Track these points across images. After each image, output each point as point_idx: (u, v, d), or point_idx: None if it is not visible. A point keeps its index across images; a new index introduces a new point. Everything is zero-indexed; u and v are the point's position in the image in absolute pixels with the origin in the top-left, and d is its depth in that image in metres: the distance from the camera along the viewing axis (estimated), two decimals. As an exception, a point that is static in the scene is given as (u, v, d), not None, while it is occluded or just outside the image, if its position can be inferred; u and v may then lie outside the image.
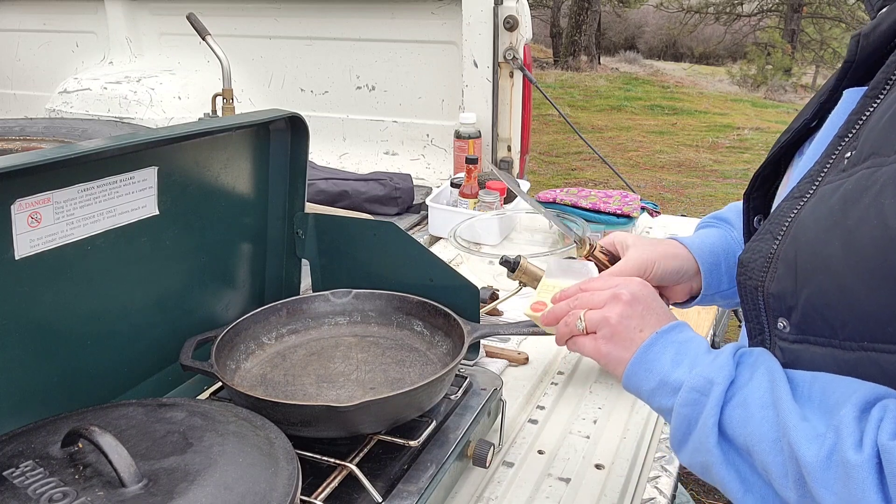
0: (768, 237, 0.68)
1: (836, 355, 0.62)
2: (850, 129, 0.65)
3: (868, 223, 0.57)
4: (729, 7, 15.09)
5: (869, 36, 0.67)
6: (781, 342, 0.67)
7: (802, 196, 0.66)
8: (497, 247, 2.08)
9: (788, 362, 0.67)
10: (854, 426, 0.55)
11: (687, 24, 15.57)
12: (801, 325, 0.64)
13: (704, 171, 7.28)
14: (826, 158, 0.66)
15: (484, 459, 1.10)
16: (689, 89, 11.63)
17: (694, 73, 14.12)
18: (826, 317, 0.61)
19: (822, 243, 0.61)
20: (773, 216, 0.68)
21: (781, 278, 0.65)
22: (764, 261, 0.67)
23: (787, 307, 0.65)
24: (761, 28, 14.87)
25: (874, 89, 0.64)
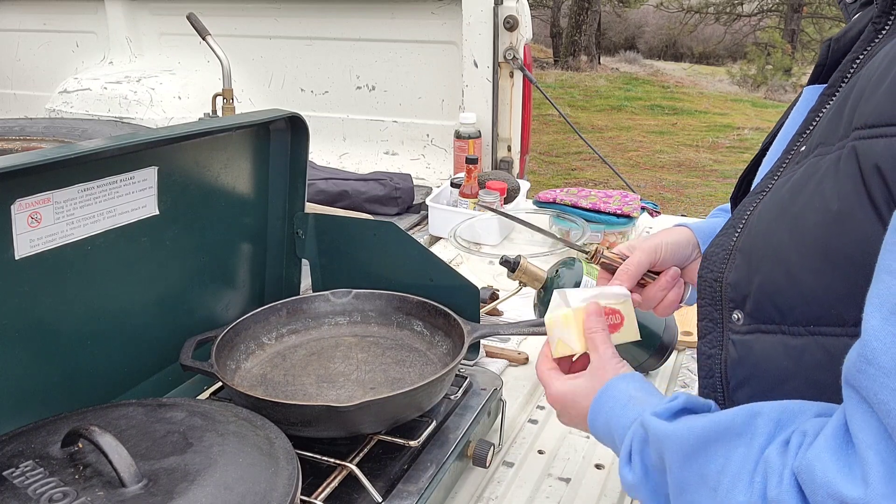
0: (730, 231, 0.70)
1: (785, 342, 0.63)
2: (808, 125, 0.68)
3: (811, 208, 0.60)
4: (729, 7, 15.09)
5: (840, 40, 0.70)
6: (734, 335, 0.69)
7: (762, 191, 0.69)
8: (497, 247, 2.08)
9: (741, 355, 0.68)
10: (778, 461, 0.55)
11: (687, 24, 15.57)
12: (753, 313, 0.66)
13: (704, 171, 7.28)
14: (785, 155, 0.69)
15: (484, 459, 1.10)
16: (689, 89, 11.62)
17: (694, 73, 14.11)
18: (776, 302, 0.63)
19: (772, 231, 0.64)
20: (735, 212, 0.71)
21: (739, 268, 0.67)
22: (725, 253, 0.70)
23: (741, 296, 0.67)
24: (761, 28, 14.87)
25: (831, 87, 0.67)
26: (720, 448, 0.60)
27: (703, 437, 0.61)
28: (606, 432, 0.75)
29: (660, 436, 0.65)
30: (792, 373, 0.63)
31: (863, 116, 0.57)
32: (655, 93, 11.02)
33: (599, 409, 0.76)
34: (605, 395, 0.76)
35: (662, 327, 1.38)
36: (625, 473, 0.70)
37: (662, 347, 1.38)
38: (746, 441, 0.59)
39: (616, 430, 0.73)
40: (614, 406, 0.75)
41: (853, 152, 0.57)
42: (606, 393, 0.76)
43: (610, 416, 0.74)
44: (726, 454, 0.59)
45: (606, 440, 0.76)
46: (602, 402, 0.76)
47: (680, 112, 9.78)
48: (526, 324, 1.21)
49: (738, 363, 0.69)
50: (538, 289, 1.39)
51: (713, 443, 0.61)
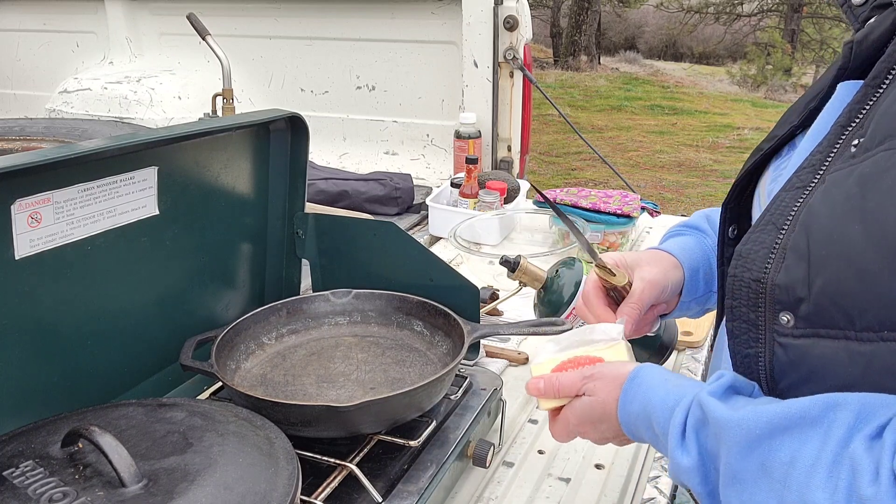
0: (770, 228, 0.66)
1: (850, 348, 0.59)
2: (853, 118, 0.64)
3: (893, 203, 0.56)
4: (729, 7, 15.08)
5: (862, 43, 0.68)
6: (782, 338, 0.64)
7: (806, 186, 0.65)
8: (497, 247, 2.08)
9: (793, 359, 0.64)
10: (867, 457, 0.53)
11: (687, 24, 15.57)
12: (811, 318, 0.61)
13: (704, 171, 7.28)
14: (829, 147, 0.65)
15: (484, 459, 1.10)
16: (689, 89, 11.63)
17: (694, 73, 14.11)
18: (842, 306, 0.59)
19: (839, 228, 0.59)
20: (773, 208, 0.67)
21: (791, 268, 0.62)
22: (767, 252, 0.65)
23: (795, 298, 0.62)
24: (761, 28, 14.87)
25: (875, 78, 0.64)
26: (789, 438, 0.57)
27: (771, 425, 0.58)
28: (643, 416, 0.72)
29: (721, 420, 0.62)
30: (857, 379, 0.59)
31: None
32: (655, 93, 11.02)
33: (633, 396, 0.73)
34: (635, 382, 0.74)
35: (662, 327, 1.38)
36: (677, 456, 0.66)
37: (662, 347, 1.38)
38: (822, 432, 0.56)
39: (657, 412, 0.70)
40: (651, 387, 0.72)
41: None
42: (636, 380, 0.74)
43: (648, 398, 0.71)
44: (797, 445, 0.56)
45: (641, 425, 0.72)
46: (634, 388, 0.73)
47: (680, 112, 9.78)
48: (526, 324, 1.21)
49: (789, 366, 0.65)
50: (538, 289, 1.39)
51: (781, 432, 0.58)
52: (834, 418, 0.56)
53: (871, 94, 0.64)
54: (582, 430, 0.81)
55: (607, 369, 0.78)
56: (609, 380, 0.77)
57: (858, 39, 0.69)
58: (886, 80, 0.64)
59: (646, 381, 0.73)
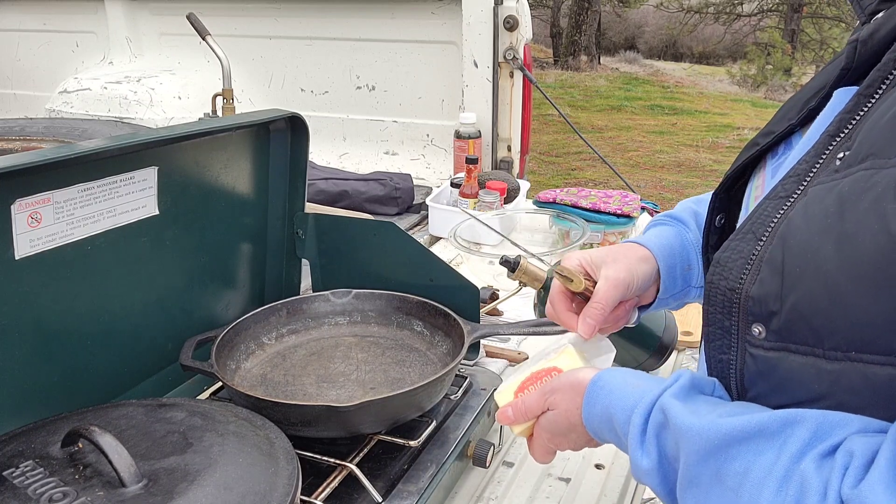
0: (750, 237, 0.65)
1: (818, 365, 0.59)
2: (842, 128, 0.63)
3: (868, 228, 0.55)
4: (729, 7, 15.08)
5: (867, 42, 0.66)
6: (753, 348, 0.64)
7: (789, 196, 0.64)
8: (497, 247, 2.08)
9: (762, 370, 0.64)
10: (816, 476, 0.53)
11: (687, 24, 15.57)
12: (781, 332, 0.61)
13: (704, 171, 7.28)
14: (815, 158, 0.63)
15: (484, 459, 1.10)
16: (689, 89, 11.63)
17: (694, 73, 14.11)
18: (812, 324, 0.58)
19: (815, 246, 0.58)
20: (754, 216, 0.65)
21: (765, 281, 0.62)
22: (744, 262, 0.64)
23: (767, 312, 0.62)
24: (761, 28, 14.86)
25: (869, 87, 0.62)
26: (745, 449, 0.58)
27: (730, 436, 0.59)
28: (605, 419, 0.72)
29: (682, 427, 0.62)
30: (822, 395, 0.59)
31: None
32: (655, 93, 11.02)
33: (595, 400, 0.73)
34: (597, 385, 0.73)
35: (662, 327, 1.38)
36: (637, 457, 0.67)
37: (662, 347, 1.38)
38: (777, 446, 0.56)
39: (617, 414, 0.70)
40: (612, 391, 0.71)
41: None
42: (597, 383, 0.73)
43: (609, 401, 0.71)
44: (752, 456, 0.57)
45: (604, 428, 0.72)
46: (595, 391, 0.73)
47: (680, 112, 9.78)
48: (526, 324, 1.21)
49: (759, 376, 0.65)
50: (538, 289, 1.39)
51: (738, 443, 0.58)
52: (791, 434, 0.56)
53: (863, 104, 0.62)
54: (556, 442, 0.81)
55: (566, 379, 0.78)
56: (568, 389, 0.77)
57: (863, 38, 0.66)
58: (880, 89, 0.62)
59: (606, 384, 0.73)
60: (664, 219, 1.01)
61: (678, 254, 0.95)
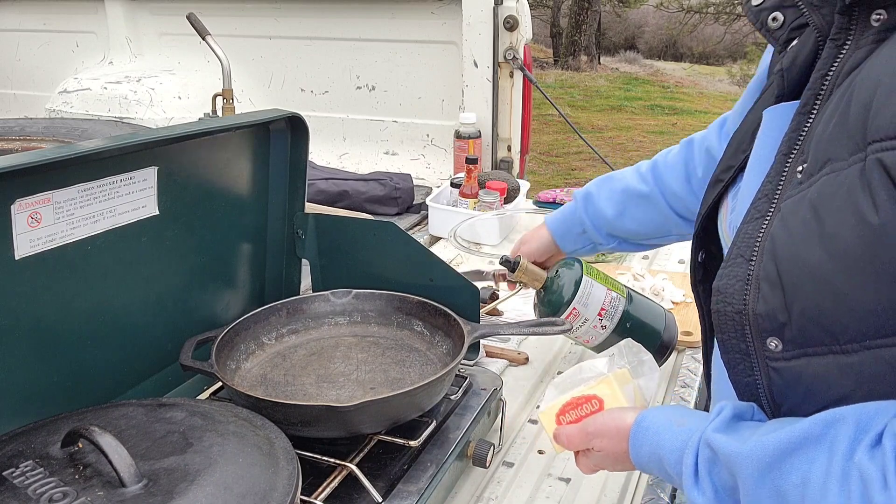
0: (740, 261, 0.68)
1: (839, 361, 0.61)
2: (792, 146, 0.68)
3: (845, 224, 0.58)
4: (729, 7, 15.08)
5: (790, 69, 0.73)
6: (774, 363, 0.66)
7: (764, 216, 0.68)
8: (497, 247, 2.08)
9: (788, 381, 0.66)
10: (872, 466, 0.55)
11: (687, 24, 15.57)
12: (796, 339, 0.64)
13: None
14: (777, 177, 0.68)
15: (484, 459, 1.10)
16: (689, 89, 11.62)
17: (694, 73, 14.11)
18: (823, 324, 0.61)
19: (803, 254, 0.62)
20: (738, 241, 0.69)
21: (767, 297, 0.65)
22: (742, 284, 0.67)
23: (778, 325, 0.64)
24: (761, 28, 14.82)
25: (805, 106, 0.68)
26: (797, 460, 0.59)
27: (778, 451, 0.60)
28: (654, 460, 0.74)
29: (731, 456, 0.64)
30: (851, 390, 0.62)
31: (881, 129, 0.57)
32: (655, 93, 11.01)
33: (642, 442, 0.75)
34: (641, 427, 0.76)
35: (662, 327, 1.38)
36: (694, 497, 0.68)
37: (662, 347, 1.38)
38: (826, 448, 0.58)
39: (667, 456, 0.72)
40: (658, 432, 0.74)
41: (879, 164, 0.56)
42: (642, 425, 0.76)
43: (657, 442, 0.73)
44: (806, 466, 0.58)
45: (654, 467, 0.75)
46: (641, 434, 0.75)
47: (680, 112, 9.78)
48: (526, 324, 1.21)
49: (786, 388, 0.67)
50: (538, 289, 1.39)
51: (789, 455, 0.60)
52: (836, 434, 0.58)
53: (804, 122, 0.68)
54: (602, 468, 0.85)
55: (610, 424, 0.80)
56: (613, 434, 0.80)
57: (786, 67, 0.73)
58: (815, 106, 0.68)
59: (651, 426, 0.75)
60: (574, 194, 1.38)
61: (571, 222, 1.35)
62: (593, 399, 0.86)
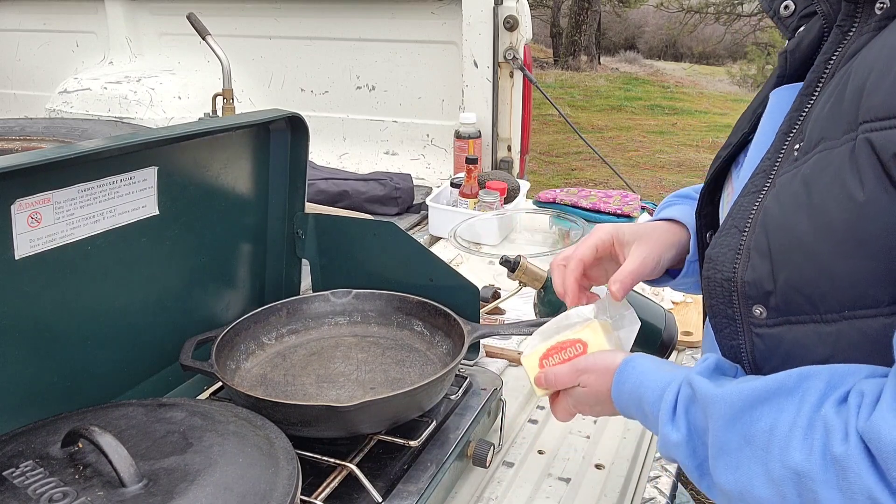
0: (734, 231, 0.71)
1: (818, 330, 0.65)
2: (792, 125, 0.71)
3: (833, 199, 0.62)
4: (729, 7, 15.08)
5: (794, 52, 0.75)
6: (758, 328, 0.70)
7: (759, 191, 0.71)
8: (497, 247, 2.08)
9: (770, 346, 0.70)
10: (837, 419, 0.58)
11: (687, 24, 15.56)
12: (780, 307, 0.67)
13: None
14: (776, 154, 0.71)
15: (484, 459, 1.10)
16: (689, 89, 11.62)
17: (694, 73, 14.11)
18: (805, 294, 0.65)
19: (792, 225, 0.65)
20: (733, 212, 0.72)
21: (756, 266, 0.68)
22: (733, 253, 0.71)
23: (764, 293, 0.68)
24: (761, 28, 14.86)
25: (808, 87, 0.71)
26: (768, 408, 0.62)
27: (751, 398, 0.63)
28: (634, 398, 0.77)
29: (708, 397, 0.67)
30: (827, 357, 0.65)
31: (871, 110, 0.60)
32: (655, 93, 11.01)
33: (626, 377, 0.78)
34: (629, 365, 0.79)
35: (662, 327, 1.38)
36: (667, 432, 0.71)
37: (662, 347, 1.38)
38: (797, 400, 0.61)
39: (647, 394, 0.75)
40: (644, 372, 0.77)
41: (867, 144, 0.60)
42: (630, 363, 0.79)
43: (641, 380, 0.76)
44: (775, 414, 0.62)
45: (632, 405, 0.78)
46: (627, 371, 0.78)
47: (680, 112, 9.78)
48: (526, 324, 1.20)
49: (768, 353, 0.70)
50: (538, 289, 1.39)
51: (760, 403, 0.63)
52: (808, 387, 0.62)
53: (805, 102, 0.71)
54: (580, 409, 0.88)
55: (600, 362, 0.83)
56: (601, 371, 0.82)
57: (790, 49, 0.76)
58: (817, 88, 0.71)
59: (639, 365, 0.79)
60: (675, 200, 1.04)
61: None
62: (577, 343, 0.87)
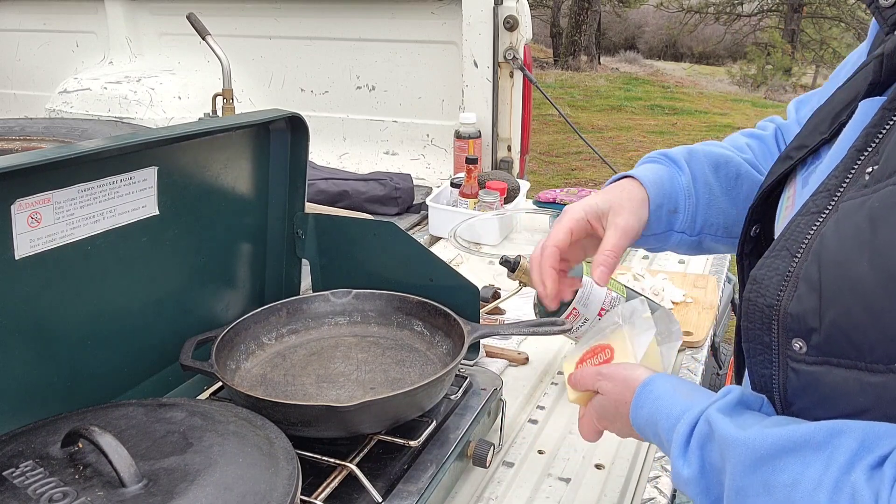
0: (784, 254, 0.65)
1: (861, 378, 0.59)
2: (869, 142, 0.63)
3: None
4: (729, 7, 15.09)
5: (893, 56, 0.66)
6: (795, 363, 0.65)
7: (820, 212, 0.64)
8: (497, 247, 2.08)
9: (805, 384, 0.65)
10: (867, 487, 0.54)
11: (687, 24, 15.57)
12: (822, 346, 0.62)
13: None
14: (844, 172, 0.64)
15: (484, 459, 1.10)
16: (689, 89, 11.63)
17: (694, 73, 14.12)
18: (853, 339, 0.59)
19: (849, 263, 0.59)
20: (788, 233, 0.66)
21: (803, 298, 0.62)
22: (780, 279, 0.65)
23: (807, 328, 0.62)
24: (761, 28, 14.87)
25: (893, 101, 0.63)
26: (793, 460, 0.58)
27: (776, 447, 0.60)
28: (650, 423, 0.74)
29: (728, 439, 0.64)
30: (866, 408, 0.60)
31: None
32: (655, 93, 11.02)
33: (643, 402, 0.76)
34: (646, 389, 0.76)
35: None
36: (678, 466, 0.68)
37: (662, 347, 1.38)
38: (825, 457, 0.57)
39: (662, 421, 0.72)
40: (660, 397, 0.74)
41: None
42: (647, 387, 0.76)
43: (657, 406, 0.74)
44: (800, 468, 0.58)
45: (649, 431, 0.75)
46: (645, 395, 0.76)
47: (680, 112, 9.78)
48: (526, 324, 1.21)
49: (802, 390, 0.65)
50: (538, 289, 1.38)
51: (786, 454, 0.59)
52: (838, 444, 0.57)
53: (888, 118, 0.63)
54: (603, 425, 0.85)
55: (619, 371, 0.81)
56: (619, 381, 0.80)
57: (889, 52, 0.66)
58: None
59: (656, 389, 0.75)
60: (659, 157, 0.99)
61: (667, 194, 0.93)
62: (606, 348, 0.88)
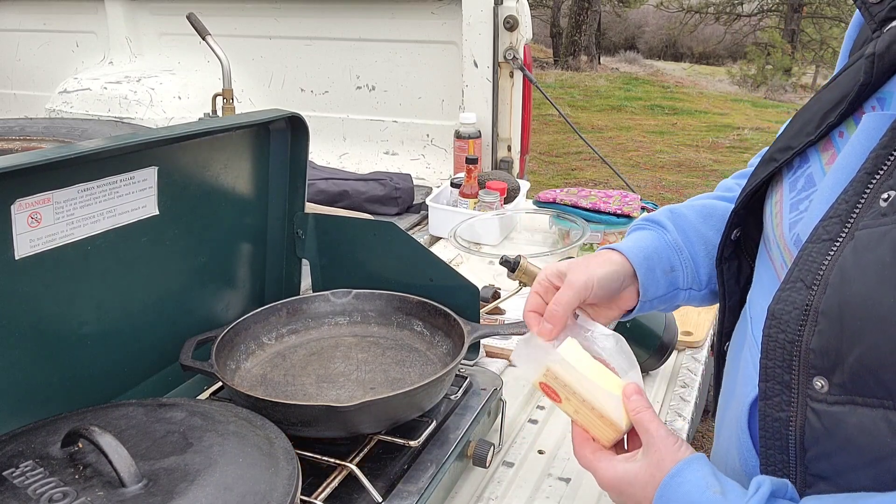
0: (800, 286, 0.62)
1: (890, 418, 0.56)
2: (879, 164, 0.60)
3: None
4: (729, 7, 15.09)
5: (884, 56, 0.63)
6: (815, 403, 0.61)
7: (833, 240, 0.61)
8: (497, 247, 2.08)
9: (827, 426, 0.61)
10: None
11: (687, 24, 15.57)
12: (846, 385, 0.59)
13: (704, 171, 7.28)
14: (856, 197, 0.61)
15: (484, 459, 1.10)
16: (689, 89, 11.62)
17: (694, 73, 14.12)
18: (881, 378, 0.56)
19: (875, 298, 0.56)
20: (800, 262, 0.63)
21: (824, 333, 0.59)
22: (800, 313, 0.61)
23: (830, 364, 0.59)
24: (761, 28, 14.87)
25: None
26: None
27: None
28: None
29: None
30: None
31: None
32: (655, 93, 11.01)
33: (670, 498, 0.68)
34: (672, 484, 0.68)
35: (662, 327, 1.38)
36: None
37: (662, 347, 1.38)
38: None
39: None
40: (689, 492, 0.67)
41: None
42: (675, 480, 0.68)
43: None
44: None
45: None
46: (671, 492, 0.68)
47: (680, 112, 9.78)
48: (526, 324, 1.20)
49: (822, 434, 0.62)
50: (538, 289, 1.38)
51: None
52: None
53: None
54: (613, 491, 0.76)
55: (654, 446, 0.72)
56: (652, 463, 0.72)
57: (880, 52, 0.63)
58: None
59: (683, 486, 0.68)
60: (642, 223, 0.98)
61: (658, 256, 0.91)
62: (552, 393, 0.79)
